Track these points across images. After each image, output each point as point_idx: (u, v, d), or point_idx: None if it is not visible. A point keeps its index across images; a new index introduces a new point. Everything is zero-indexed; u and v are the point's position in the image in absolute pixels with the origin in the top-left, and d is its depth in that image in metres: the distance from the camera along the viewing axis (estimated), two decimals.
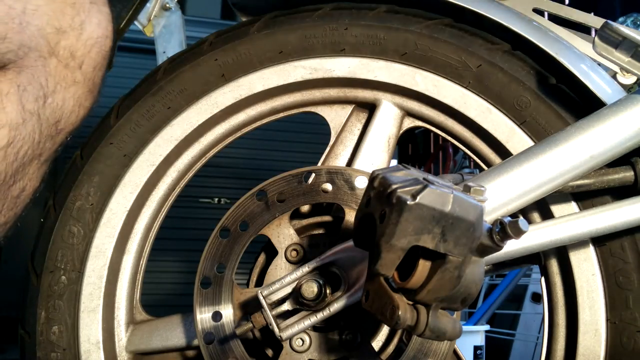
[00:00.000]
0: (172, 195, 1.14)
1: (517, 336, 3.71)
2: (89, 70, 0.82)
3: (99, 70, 0.85)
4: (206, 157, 1.16)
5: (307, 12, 1.09)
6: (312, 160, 1.16)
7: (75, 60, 0.80)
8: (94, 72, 0.84)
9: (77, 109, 0.83)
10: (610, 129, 0.86)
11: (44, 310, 1.04)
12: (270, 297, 0.86)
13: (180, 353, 1.10)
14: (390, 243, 0.65)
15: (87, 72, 0.82)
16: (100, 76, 0.86)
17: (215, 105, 1.10)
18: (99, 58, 0.83)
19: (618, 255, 0.95)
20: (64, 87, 0.80)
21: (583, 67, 0.98)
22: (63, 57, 0.79)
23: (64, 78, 0.79)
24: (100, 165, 1.08)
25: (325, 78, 1.09)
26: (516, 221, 0.68)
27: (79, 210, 1.07)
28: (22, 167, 0.77)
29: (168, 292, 3.65)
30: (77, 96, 0.82)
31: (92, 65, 0.83)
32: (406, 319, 0.68)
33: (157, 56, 1.50)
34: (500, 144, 1.02)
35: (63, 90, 0.79)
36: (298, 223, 1.04)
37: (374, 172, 0.72)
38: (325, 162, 1.13)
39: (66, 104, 0.80)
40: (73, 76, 0.80)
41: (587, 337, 0.95)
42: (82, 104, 0.84)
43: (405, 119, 1.11)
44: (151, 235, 1.13)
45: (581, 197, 0.98)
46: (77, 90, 0.81)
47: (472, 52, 1.03)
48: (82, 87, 0.82)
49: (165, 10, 1.51)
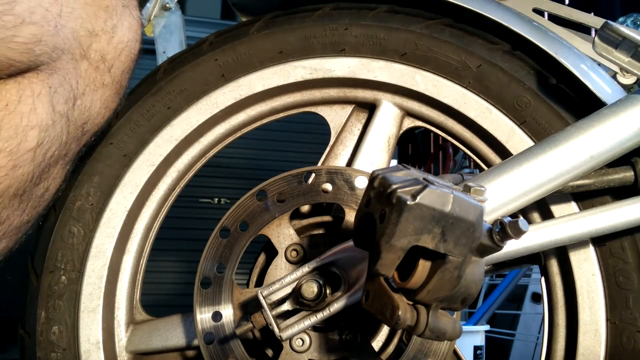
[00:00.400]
0: (172, 195, 1.14)
1: (517, 336, 3.71)
2: (117, 73, 0.83)
3: (127, 73, 0.85)
4: (206, 157, 1.16)
5: (307, 12, 1.09)
6: (312, 160, 1.16)
7: (105, 63, 0.80)
8: (122, 75, 0.84)
9: (103, 111, 0.83)
10: (610, 129, 0.86)
11: (44, 310, 1.04)
12: (270, 297, 0.86)
13: (180, 353, 1.10)
14: (390, 243, 0.65)
15: (115, 75, 0.83)
16: (127, 79, 0.87)
17: (215, 105, 1.10)
18: (128, 61, 0.84)
19: (618, 255, 0.95)
20: (93, 89, 0.80)
21: (583, 67, 0.98)
22: (94, 60, 0.79)
23: (93, 81, 0.80)
24: (100, 165, 1.08)
25: (325, 78, 1.09)
26: (516, 221, 0.68)
27: (79, 210, 1.07)
28: (48, 167, 0.77)
29: (168, 292, 3.65)
30: (105, 98, 0.82)
31: (121, 68, 0.83)
32: (406, 319, 0.68)
33: (157, 56, 1.50)
34: (500, 144, 1.02)
35: (92, 92, 0.80)
36: (298, 223, 1.04)
37: (374, 172, 0.72)
38: (325, 162, 1.13)
39: (94, 105, 0.81)
40: (102, 79, 0.81)
41: (587, 337, 0.95)
42: (108, 106, 0.84)
43: (405, 119, 1.11)
44: (151, 235, 1.13)
45: (581, 197, 0.98)
46: (104, 92, 0.82)
47: (472, 52, 1.03)
48: (109, 90, 0.82)
49: (165, 10, 1.51)
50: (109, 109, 0.84)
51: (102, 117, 0.83)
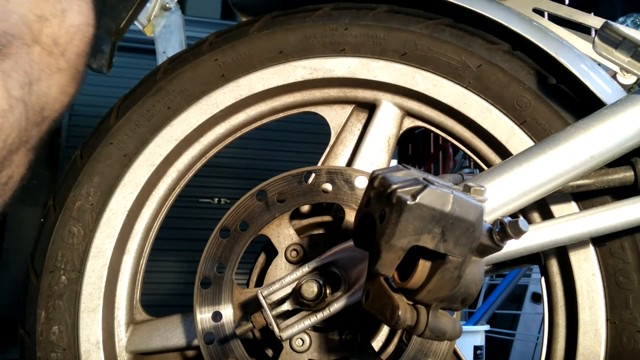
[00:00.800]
0: (172, 195, 1.14)
1: (517, 336, 3.71)
2: (72, 57, 0.83)
3: (82, 57, 0.85)
4: (206, 157, 1.16)
5: (307, 12, 1.09)
6: (312, 160, 1.16)
7: (58, 47, 0.80)
8: (77, 60, 0.84)
9: (61, 96, 0.83)
10: (610, 129, 0.86)
11: (44, 310, 1.04)
12: (270, 297, 0.86)
13: (180, 353, 1.10)
14: (390, 243, 0.65)
15: (70, 60, 0.82)
16: (83, 63, 0.86)
17: (215, 105, 1.09)
18: (82, 45, 0.84)
19: (618, 255, 0.95)
20: (48, 74, 0.80)
21: (583, 67, 0.98)
22: (46, 45, 0.79)
23: (48, 65, 0.80)
24: (100, 165, 1.08)
25: (325, 78, 1.09)
26: (516, 221, 0.68)
27: (79, 210, 1.07)
28: (10, 154, 0.77)
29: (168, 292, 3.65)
30: (62, 83, 0.82)
31: (75, 52, 0.83)
32: (406, 319, 0.68)
33: (157, 56, 1.50)
34: (500, 144, 1.02)
35: (47, 77, 0.80)
36: (298, 223, 1.04)
37: (374, 172, 0.72)
38: (325, 162, 1.13)
39: (51, 90, 0.81)
40: (57, 63, 0.81)
41: (587, 337, 0.95)
42: (66, 91, 0.84)
43: (405, 119, 1.11)
44: (151, 235, 1.13)
45: (581, 197, 0.97)
46: (61, 77, 0.82)
47: (472, 52, 1.03)
48: (65, 75, 0.82)
49: (165, 10, 1.51)
50: (67, 94, 0.84)
51: (61, 102, 0.83)
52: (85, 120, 3.93)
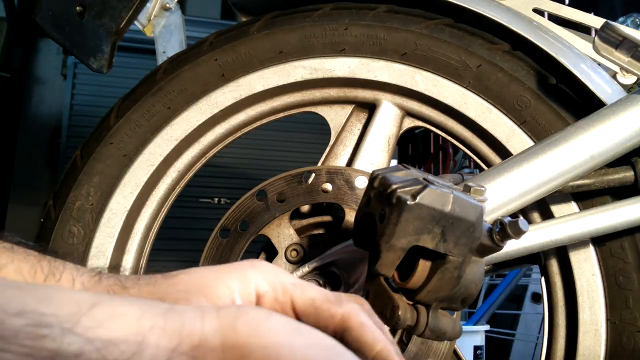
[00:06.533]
0: (172, 195, 1.14)
1: (517, 336, 3.71)
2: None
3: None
4: (206, 157, 1.15)
5: (307, 12, 1.09)
6: (312, 160, 1.16)
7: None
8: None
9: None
10: (610, 129, 0.86)
11: None
12: None
13: None
14: (390, 243, 0.65)
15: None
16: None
17: (215, 105, 1.09)
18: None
19: (618, 255, 0.95)
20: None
21: (583, 67, 0.98)
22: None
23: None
24: (100, 165, 1.08)
25: (325, 78, 1.09)
26: (516, 221, 0.68)
27: (79, 210, 1.07)
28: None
29: None
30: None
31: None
32: (406, 319, 0.68)
33: (157, 56, 1.50)
34: (500, 144, 1.02)
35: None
36: (298, 223, 1.04)
37: (374, 172, 0.72)
38: (325, 162, 1.13)
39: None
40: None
41: (587, 337, 0.95)
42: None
43: (405, 119, 1.11)
44: (151, 235, 1.13)
45: (581, 197, 0.97)
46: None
47: (472, 52, 1.03)
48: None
49: (165, 10, 1.51)
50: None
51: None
52: (85, 120, 3.92)
